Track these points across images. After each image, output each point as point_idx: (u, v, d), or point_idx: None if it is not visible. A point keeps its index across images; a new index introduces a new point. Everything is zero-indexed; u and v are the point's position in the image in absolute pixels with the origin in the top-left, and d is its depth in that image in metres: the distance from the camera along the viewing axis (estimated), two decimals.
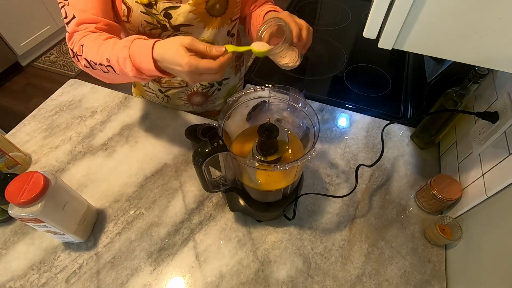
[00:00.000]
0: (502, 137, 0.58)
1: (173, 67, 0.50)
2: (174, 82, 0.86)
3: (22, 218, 0.54)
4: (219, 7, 0.70)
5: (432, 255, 0.65)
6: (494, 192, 0.55)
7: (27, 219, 0.54)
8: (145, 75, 0.54)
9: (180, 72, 0.50)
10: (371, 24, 0.40)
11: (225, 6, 0.71)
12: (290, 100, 0.57)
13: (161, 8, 0.65)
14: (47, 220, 0.55)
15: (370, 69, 1.15)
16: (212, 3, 0.68)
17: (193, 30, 0.71)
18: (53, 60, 2.55)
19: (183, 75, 0.50)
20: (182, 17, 0.67)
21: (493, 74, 0.68)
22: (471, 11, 0.35)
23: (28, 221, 0.55)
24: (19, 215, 0.53)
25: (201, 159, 0.48)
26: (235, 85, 0.97)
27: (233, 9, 0.74)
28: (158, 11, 0.65)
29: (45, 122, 0.90)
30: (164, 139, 0.86)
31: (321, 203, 0.73)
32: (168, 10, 0.65)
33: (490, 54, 0.38)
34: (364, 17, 1.40)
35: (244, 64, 1.01)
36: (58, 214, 0.58)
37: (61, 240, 0.66)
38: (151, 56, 0.50)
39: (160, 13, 0.65)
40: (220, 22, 0.73)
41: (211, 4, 0.68)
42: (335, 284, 0.62)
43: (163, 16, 0.66)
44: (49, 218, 0.56)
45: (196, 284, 0.62)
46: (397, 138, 0.87)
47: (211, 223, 0.70)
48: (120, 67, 0.54)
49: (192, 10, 0.67)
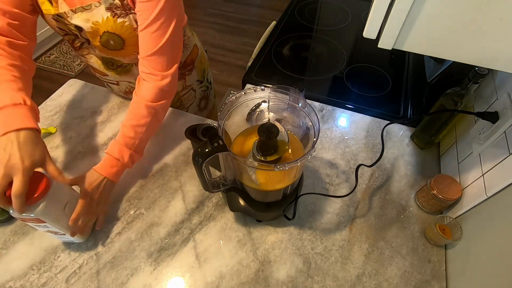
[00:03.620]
0: (502, 137, 0.58)
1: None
2: (108, 79, 0.88)
3: (23, 219, 0.54)
4: (113, 43, 0.69)
5: (432, 255, 0.65)
6: (494, 192, 0.55)
7: (28, 219, 0.54)
8: None
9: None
10: (371, 24, 0.40)
11: (121, 44, 0.70)
12: (290, 100, 0.57)
13: (73, 23, 0.66)
14: (48, 220, 0.55)
15: (370, 69, 1.15)
16: (105, 39, 0.68)
17: (103, 51, 0.72)
18: (53, 60, 2.55)
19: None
20: (89, 35, 0.69)
21: (493, 74, 0.68)
22: (471, 11, 0.35)
23: (29, 221, 0.55)
24: (20, 215, 0.52)
25: (201, 159, 0.48)
26: (176, 93, 0.92)
27: (134, 46, 0.69)
28: (69, 22, 0.67)
29: (45, 122, 0.90)
30: (164, 139, 0.86)
31: (321, 203, 0.73)
32: (76, 26, 0.67)
33: (490, 54, 0.38)
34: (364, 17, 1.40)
35: (197, 74, 0.97)
36: (59, 214, 0.58)
37: (61, 240, 0.66)
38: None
39: (71, 24, 0.67)
40: (124, 53, 0.73)
41: (105, 40, 0.68)
42: (335, 284, 0.62)
43: (74, 27, 0.68)
44: (50, 219, 0.56)
45: (196, 284, 0.62)
46: (397, 138, 0.87)
47: (211, 223, 0.70)
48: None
49: (91, 37, 0.69)
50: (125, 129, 0.68)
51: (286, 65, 1.15)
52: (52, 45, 2.67)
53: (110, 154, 0.67)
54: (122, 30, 0.67)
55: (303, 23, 1.36)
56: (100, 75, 0.89)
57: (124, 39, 0.69)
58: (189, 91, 0.98)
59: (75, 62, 2.53)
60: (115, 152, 0.67)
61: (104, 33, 0.67)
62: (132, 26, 0.67)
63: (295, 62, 1.18)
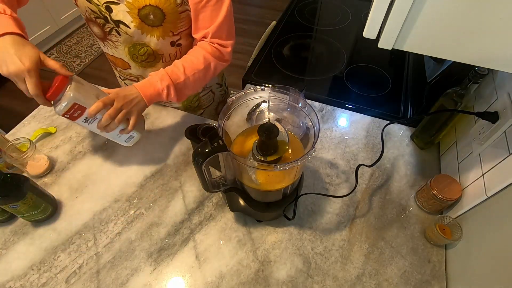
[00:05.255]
0: (502, 137, 0.58)
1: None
2: (128, 74, 0.87)
3: (67, 112, 0.58)
4: (153, 18, 0.69)
5: (432, 255, 0.65)
6: (494, 192, 0.55)
7: (71, 110, 0.57)
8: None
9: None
10: (371, 24, 0.40)
11: (161, 19, 0.69)
12: (290, 100, 0.57)
13: (104, 1, 0.66)
14: (86, 103, 0.58)
15: (370, 69, 1.15)
16: (145, 13, 0.67)
17: (132, 33, 0.72)
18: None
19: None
20: (120, 14, 0.68)
21: (493, 74, 0.68)
22: (471, 11, 0.35)
23: (74, 112, 0.58)
24: (61, 109, 0.56)
25: (201, 159, 0.48)
26: (195, 94, 0.95)
27: (173, 23, 0.71)
28: (100, 2, 0.67)
29: (45, 122, 0.90)
30: (164, 139, 0.86)
31: (321, 203, 0.73)
32: (109, 4, 0.67)
33: (490, 54, 0.38)
34: (364, 17, 1.40)
35: (217, 77, 0.98)
36: (95, 99, 0.60)
37: (119, 140, 0.68)
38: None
39: (102, 5, 0.67)
40: (159, 32, 0.72)
41: (144, 14, 0.68)
42: (335, 284, 0.62)
43: (104, 8, 0.68)
44: (87, 102, 0.58)
45: (196, 284, 0.62)
46: (397, 138, 0.87)
47: (211, 223, 0.70)
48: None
49: (128, 11, 0.68)
50: (177, 64, 0.70)
51: (286, 65, 1.15)
52: (52, 45, 2.67)
53: (153, 75, 0.68)
54: (166, 4, 0.66)
55: (303, 23, 1.36)
56: (121, 69, 0.86)
57: (165, 14, 0.68)
58: (208, 93, 1.00)
59: (75, 62, 2.53)
60: (158, 75, 0.68)
61: (145, 6, 0.66)
62: (176, 1, 0.67)
63: (295, 62, 1.18)
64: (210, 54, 0.73)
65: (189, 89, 0.73)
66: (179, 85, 0.70)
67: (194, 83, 0.73)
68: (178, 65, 0.70)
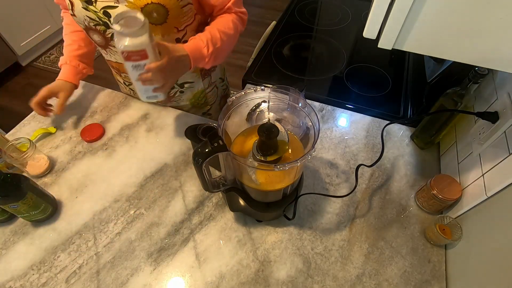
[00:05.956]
0: (502, 137, 0.58)
1: None
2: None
3: (131, 52, 0.54)
4: (157, 16, 0.68)
5: (432, 255, 0.65)
6: (494, 192, 0.55)
7: (136, 53, 0.55)
8: None
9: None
10: (371, 24, 0.40)
11: (164, 16, 0.68)
12: (290, 100, 0.57)
13: (100, 6, 0.66)
14: (150, 54, 0.56)
15: (370, 69, 1.15)
16: (148, 11, 0.66)
17: None
18: (53, 60, 2.54)
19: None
20: (130, 6, 0.66)
21: (493, 74, 0.68)
22: (471, 11, 0.35)
23: (136, 55, 0.55)
24: (129, 46, 0.53)
25: (201, 159, 0.48)
26: (202, 90, 0.94)
27: (177, 19, 0.71)
28: (97, 9, 0.66)
29: (45, 122, 0.90)
30: (164, 139, 0.86)
31: (321, 203, 0.73)
32: (106, 9, 0.66)
33: (490, 54, 0.38)
34: (364, 17, 1.40)
35: (219, 72, 0.99)
36: (156, 54, 0.58)
37: (144, 92, 0.64)
38: None
39: (100, 11, 0.67)
40: (163, 30, 0.71)
41: (147, 12, 0.66)
42: (335, 284, 0.62)
43: (103, 14, 0.67)
44: (151, 55, 0.56)
45: (196, 284, 0.62)
46: (397, 138, 0.87)
47: (211, 223, 0.70)
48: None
49: (132, 7, 0.66)
50: (213, 31, 0.71)
51: (286, 65, 1.15)
52: (52, 45, 2.67)
53: (198, 41, 0.68)
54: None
55: (303, 23, 1.36)
56: (126, 75, 0.85)
57: (168, 10, 0.68)
58: (213, 88, 1.00)
59: None
60: (203, 40, 0.69)
61: (147, 4, 0.65)
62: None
63: (295, 62, 1.18)
64: (236, 19, 0.76)
65: (222, 53, 0.74)
66: (216, 51, 0.71)
67: (226, 47, 0.74)
68: (214, 32, 0.71)
